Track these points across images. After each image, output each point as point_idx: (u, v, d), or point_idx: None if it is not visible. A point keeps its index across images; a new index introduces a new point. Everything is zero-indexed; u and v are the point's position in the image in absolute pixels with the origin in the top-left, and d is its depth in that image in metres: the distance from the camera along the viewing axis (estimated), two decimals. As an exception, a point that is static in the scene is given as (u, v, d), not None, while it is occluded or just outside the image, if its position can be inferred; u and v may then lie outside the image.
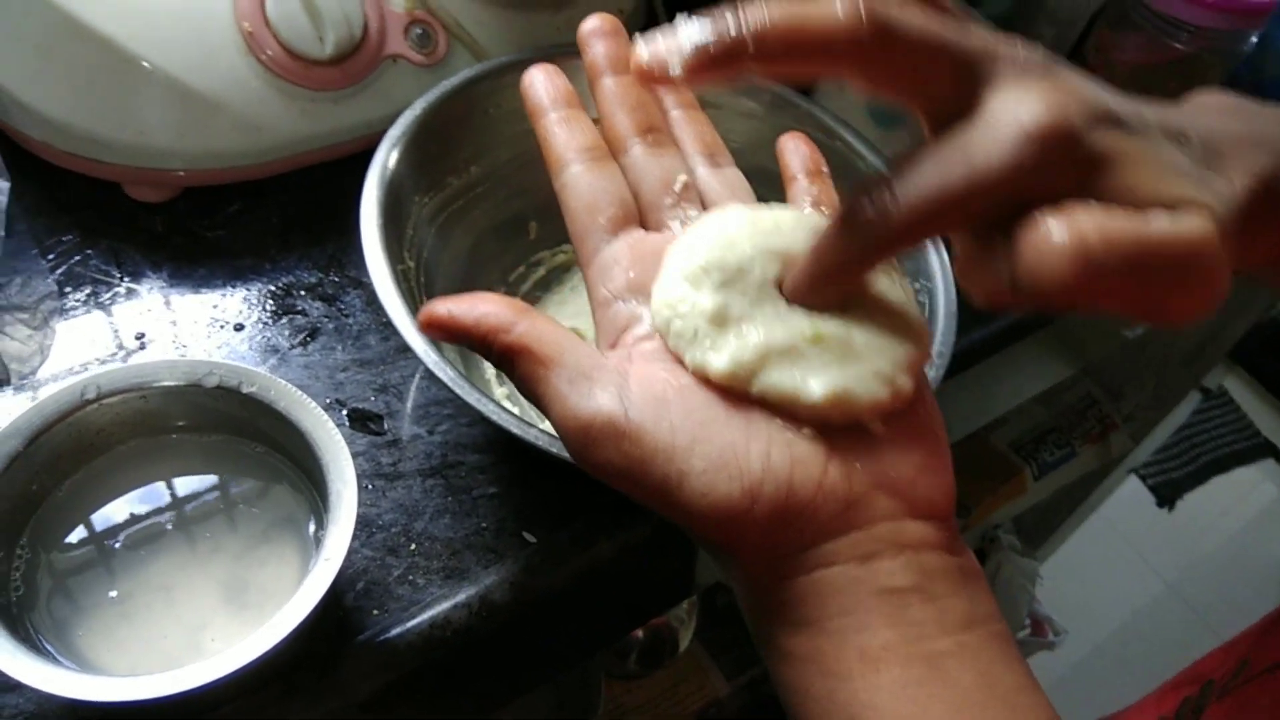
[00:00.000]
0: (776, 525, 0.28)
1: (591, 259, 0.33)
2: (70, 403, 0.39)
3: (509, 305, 0.31)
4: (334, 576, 0.36)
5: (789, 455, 0.29)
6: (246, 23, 0.51)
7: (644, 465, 0.28)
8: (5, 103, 0.50)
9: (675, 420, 0.29)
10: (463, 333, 0.31)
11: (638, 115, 0.36)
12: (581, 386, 0.29)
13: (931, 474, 0.30)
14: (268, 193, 0.55)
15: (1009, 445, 1.17)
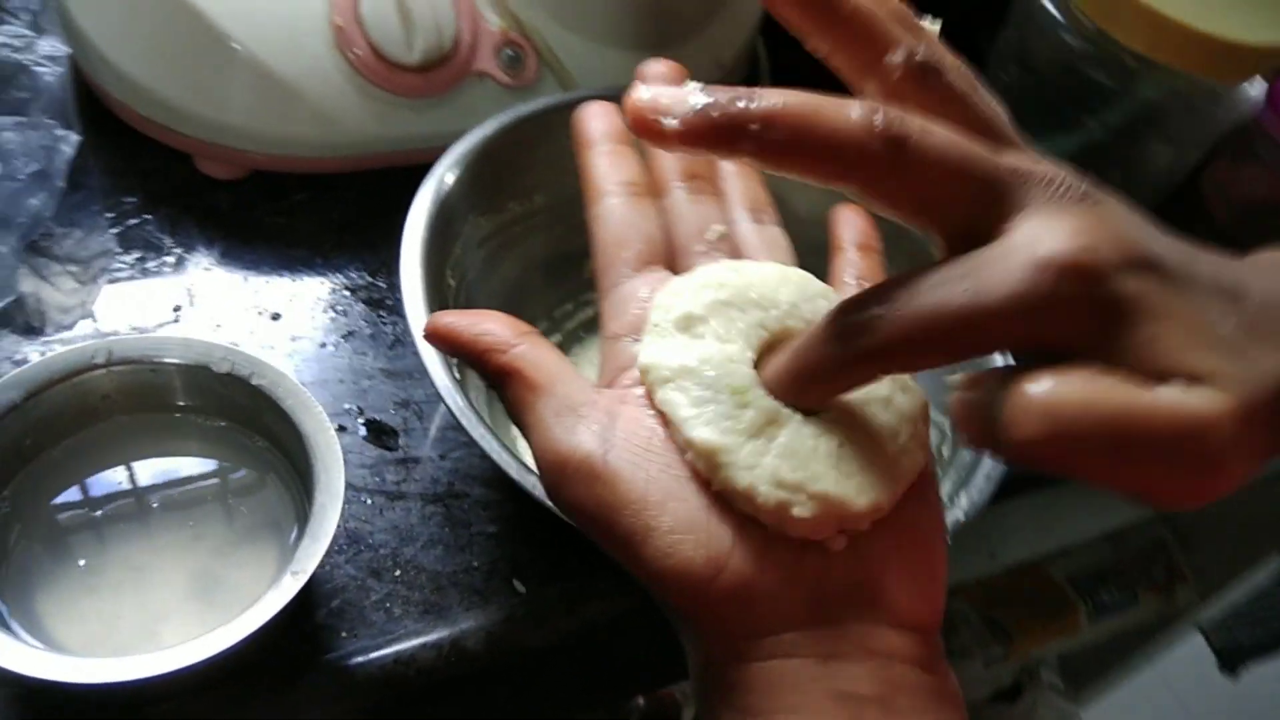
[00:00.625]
0: (739, 603, 0.26)
1: (609, 292, 0.32)
2: (78, 364, 0.38)
3: (511, 326, 0.30)
4: (298, 591, 0.35)
5: (765, 533, 0.27)
6: (339, 17, 0.50)
7: (613, 512, 0.27)
8: (93, 59, 0.50)
9: (653, 472, 0.27)
10: (461, 346, 0.30)
11: (685, 160, 0.34)
12: (567, 419, 0.28)
13: (918, 581, 0.28)
14: (335, 188, 0.55)
15: (1066, 579, 1.11)
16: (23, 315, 0.47)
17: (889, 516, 0.28)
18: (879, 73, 0.25)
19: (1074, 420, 0.21)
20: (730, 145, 0.23)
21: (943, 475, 0.45)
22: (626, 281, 0.32)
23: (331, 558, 0.42)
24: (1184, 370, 0.22)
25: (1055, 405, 0.22)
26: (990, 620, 1.06)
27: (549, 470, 0.28)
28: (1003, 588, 1.06)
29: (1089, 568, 1.11)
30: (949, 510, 0.41)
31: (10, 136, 0.45)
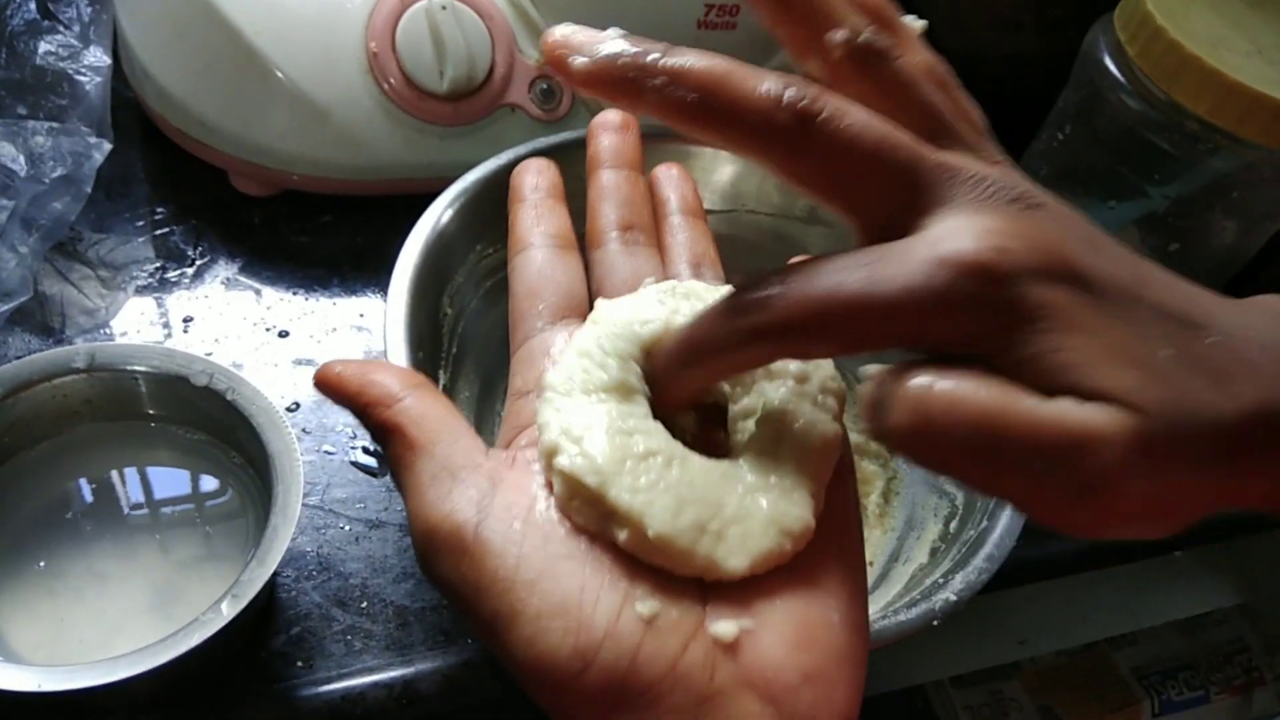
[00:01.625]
0: (608, 703, 0.23)
1: (519, 346, 0.30)
2: (59, 366, 0.38)
3: (403, 379, 0.28)
4: (236, 616, 0.34)
5: (643, 622, 0.24)
6: (374, 43, 0.51)
7: (479, 593, 0.24)
8: (137, 71, 0.52)
9: (527, 549, 0.24)
10: (346, 398, 0.28)
11: (623, 211, 0.33)
12: (443, 485, 0.25)
13: (822, 685, 0.24)
14: (361, 211, 0.55)
15: (1132, 670, 1.04)
16: (42, 315, 0.48)
17: (791, 596, 0.25)
18: (820, 51, 0.24)
19: (941, 414, 0.21)
20: (633, 96, 0.23)
21: (944, 551, 0.42)
22: (537, 335, 0.30)
23: (299, 583, 0.42)
24: (1086, 386, 0.21)
25: (926, 397, 0.21)
26: (1044, 708, 1.00)
27: (418, 539, 0.25)
28: (1060, 673, 1.00)
29: (1158, 660, 1.04)
30: (941, 590, 0.38)
31: (42, 140, 0.47)
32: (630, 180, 0.34)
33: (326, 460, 0.46)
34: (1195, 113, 0.48)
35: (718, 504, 0.25)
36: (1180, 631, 1.03)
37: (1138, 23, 0.49)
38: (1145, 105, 0.50)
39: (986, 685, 0.96)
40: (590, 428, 0.26)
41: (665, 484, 0.25)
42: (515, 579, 0.24)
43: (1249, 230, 0.53)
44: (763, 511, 0.25)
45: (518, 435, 0.28)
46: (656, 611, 0.24)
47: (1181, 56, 0.47)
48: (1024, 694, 0.99)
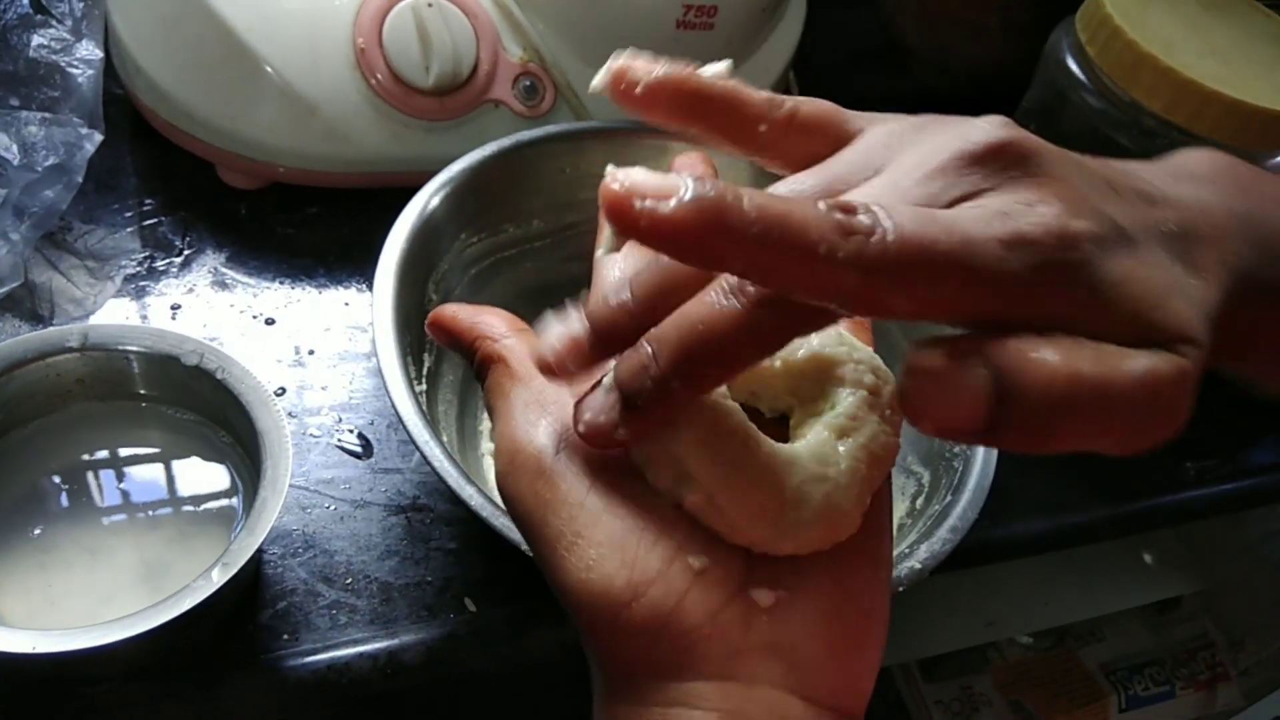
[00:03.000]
0: (649, 637, 0.25)
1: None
2: (53, 345, 0.39)
3: (508, 320, 0.31)
4: (225, 584, 0.35)
5: (692, 572, 0.25)
6: (361, 39, 0.52)
7: (548, 512, 0.26)
8: (128, 65, 0.53)
9: (598, 483, 0.26)
10: (459, 334, 0.31)
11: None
12: (532, 413, 0.28)
13: (846, 660, 0.26)
14: (347, 203, 0.56)
15: (1099, 665, 1.06)
16: (31, 302, 0.49)
17: (826, 581, 0.26)
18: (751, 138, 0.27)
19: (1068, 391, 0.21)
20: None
21: (910, 526, 0.43)
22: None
23: (285, 560, 0.43)
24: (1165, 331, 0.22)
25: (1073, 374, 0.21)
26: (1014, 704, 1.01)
27: (502, 457, 0.28)
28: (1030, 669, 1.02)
29: (1125, 656, 1.05)
30: (907, 559, 0.39)
31: (34, 130, 0.48)
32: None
33: (312, 443, 0.47)
34: (1152, 110, 0.50)
35: (779, 487, 0.26)
36: (1146, 627, 1.05)
37: (1098, 24, 0.51)
38: (1106, 104, 0.52)
39: (958, 680, 0.98)
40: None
41: (738, 461, 0.26)
42: (584, 505, 0.26)
43: None
44: (816, 502, 0.26)
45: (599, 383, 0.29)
46: (706, 565, 0.26)
47: (1138, 55, 0.49)
48: (994, 689, 1.00)
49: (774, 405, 0.30)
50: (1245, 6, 0.54)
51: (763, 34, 0.61)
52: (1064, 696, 1.03)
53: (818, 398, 0.29)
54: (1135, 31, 0.49)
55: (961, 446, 0.44)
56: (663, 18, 0.55)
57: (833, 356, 0.29)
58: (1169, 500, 0.56)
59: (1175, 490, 0.56)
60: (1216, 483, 0.57)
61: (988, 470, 0.43)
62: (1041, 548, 0.53)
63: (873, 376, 0.29)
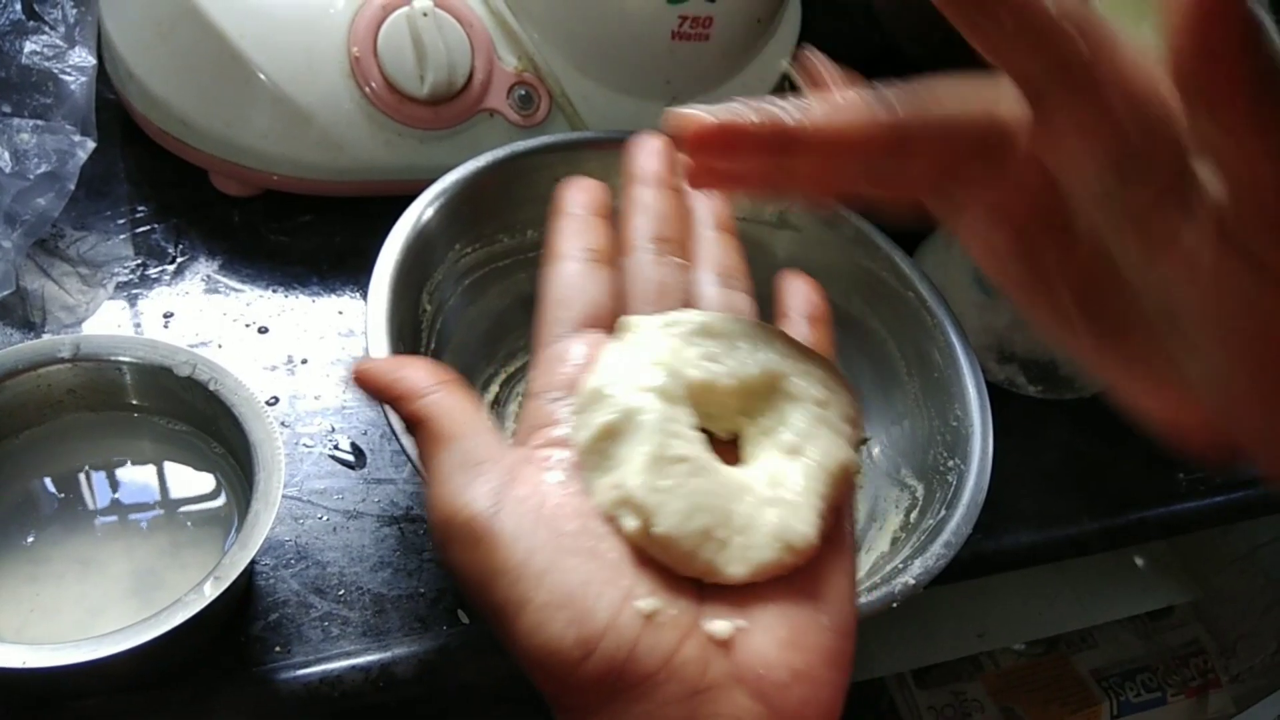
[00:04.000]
0: (606, 692, 0.24)
1: (541, 349, 0.31)
2: (43, 356, 0.39)
3: (434, 373, 0.29)
4: (218, 597, 0.35)
5: (641, 617, 0.25)
6: (356, 48, 0.52)
7: (490, 580, 0.25)
8: (121, 72, 0.53)
9: (538, 541, 0.25)
10: (380, 391, 0.29)
11: (657, 224, 0.33)
12: (463, 476, 0.27)
13: (811, 685, 0.25)
14: (340, 212, 0.56)
15: (1091, 672, 1.06)
16: (23, 309, 0.49)
17: (786, 602, 0.26)
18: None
19: None
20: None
21: (904, 540, 0.43)
22: (560, 341, 0.31)
23: (277, 571, 0.43)
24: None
25: None
26: (1006, 710, 1.01)
27: (436, 526, 0.27)
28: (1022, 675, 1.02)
29: (1117, 663, 1.06)
30: (900, 574, 0.39)
31: (27, 138, 0.47)
32: (666, 197, 0.34)
33: (305, 453, 0.47)
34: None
35: (728, 513, 0.26)
36: (1138, 634, 1.06)
37: (1091, 38, 0.51)
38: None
39: (950, 686, 0.98)
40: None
41: (685, 489, 0.26)
42: (525, 569, 0.25)
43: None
44: (769, 525, 0.26)
45: (532, 434, 0.29)
46: (656, 609, 0.25)
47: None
48: (986, 696, 1.01)
49: (727, 426, 0.29)
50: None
51: (758, 44, 0.61)
52: (1056, 703, 1.03)
53: (767, 414, 0.29)
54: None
55: (955, 459, 0.44)
56: (658, 29, 0.55)
57: (779, 371, 0.29)
58: (1161, 512, 0.56)
59: (1167, 502, 0.56)
60: (1208, 495, 0.57)
61: (981, 484, 0.43)
62: (1034, 560, 0.53)
63: (820, 389, 0.29)
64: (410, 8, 0.51)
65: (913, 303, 0.50)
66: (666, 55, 0.57)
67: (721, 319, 0.30)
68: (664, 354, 0.28)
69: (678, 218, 0.35)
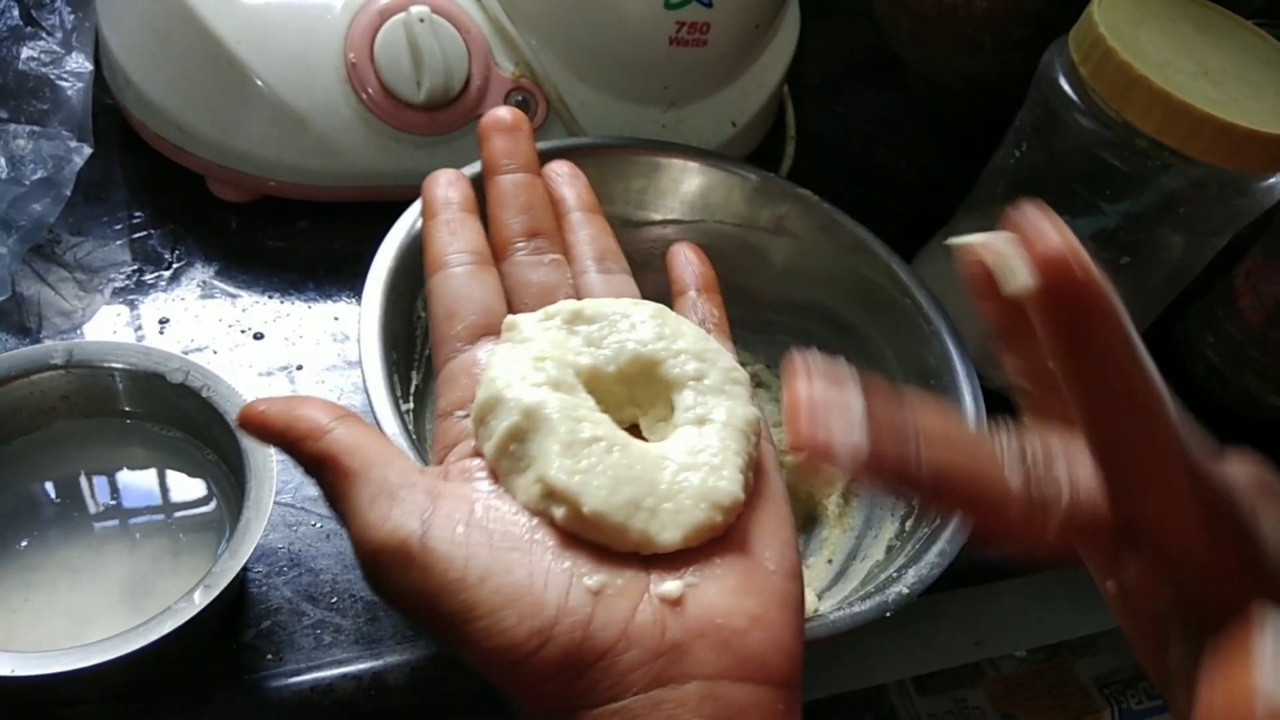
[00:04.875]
0: (568, 673, 0.24)
1: (441, 368, 0.31)
2: (36, 363, 0.39)
3: (329, 410, 0.28)
4: (208, 605, 0.35)
5: (590, 594, 0.25)
6: (353, 54, 0.52)
7: (433, 598, 0.25)
8: (118, 78, 0.53)
9: (473, 549, 0.25)
10: (274, 435, 0.28)
11: (525, 218, 0.34)
12: (381, 506, 0.26)
13: (768, 628, 0.26)
14: (337, 218, 0.56)
15: (1093, 678, 1.05)
16: (19, 315, 0.49)
17: (730, 554, 0.26)
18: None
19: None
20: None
21: (899, 548, 0.43)
22: (458, 356, 0.31)
23: (270, 578, 0.42)
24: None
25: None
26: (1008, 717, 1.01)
27: (365, 561, 0.26)
28: (1023, 682, 1.02)
29: (1119, 669, 1.05)
30: (895, 584, 0.39)
31: (23, 143, 0.47)
32: (529, 185, 0.35)
33: (300, 459, 0.47)
34: (1145, 131, 0.50)
35: (652, 483, 0.26)
36: (1141, 643, 1.05)
37: (1090, 44, 0.51)
38: (1098, 124, 0.52)
39: (950, 693, 0.98)
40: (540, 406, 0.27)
41: (604, 466, 0.26)
42: (465, 578, 0.25)
43: (1197, 245, 0.55)
44: (693, 487, 0.26)
45: (448, 453, 0.29)
46: (603, 583, 0.25)
47: (1131, 77, 0.49)
48: (987, 702, 1.00)
49: (620, 417, 0.30)
50: (1239, 28, 0.54)
51: (756, 50, 0.61)
52: (1057, 710, 1.03)
53: (656, 402, 0.30)
54: (1128, 53, 0.49)
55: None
56: (656, 34, 0.55)
57: (651, 356, 0.30)
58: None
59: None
60: (1208, 503, 0.57)
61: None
62: (1031, 568, 0.53)
63: (696, 363, 0.29)
64: (407, 13, 0.51)
65: (910, 310, 0.50)
66: (664, 61, 0.56)
67: (595, 304, 0.31)
68: (547, 348, 0.29)
69: (545, 205, 0.35)
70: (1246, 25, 0.54)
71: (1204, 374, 0.66)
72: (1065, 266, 0.19)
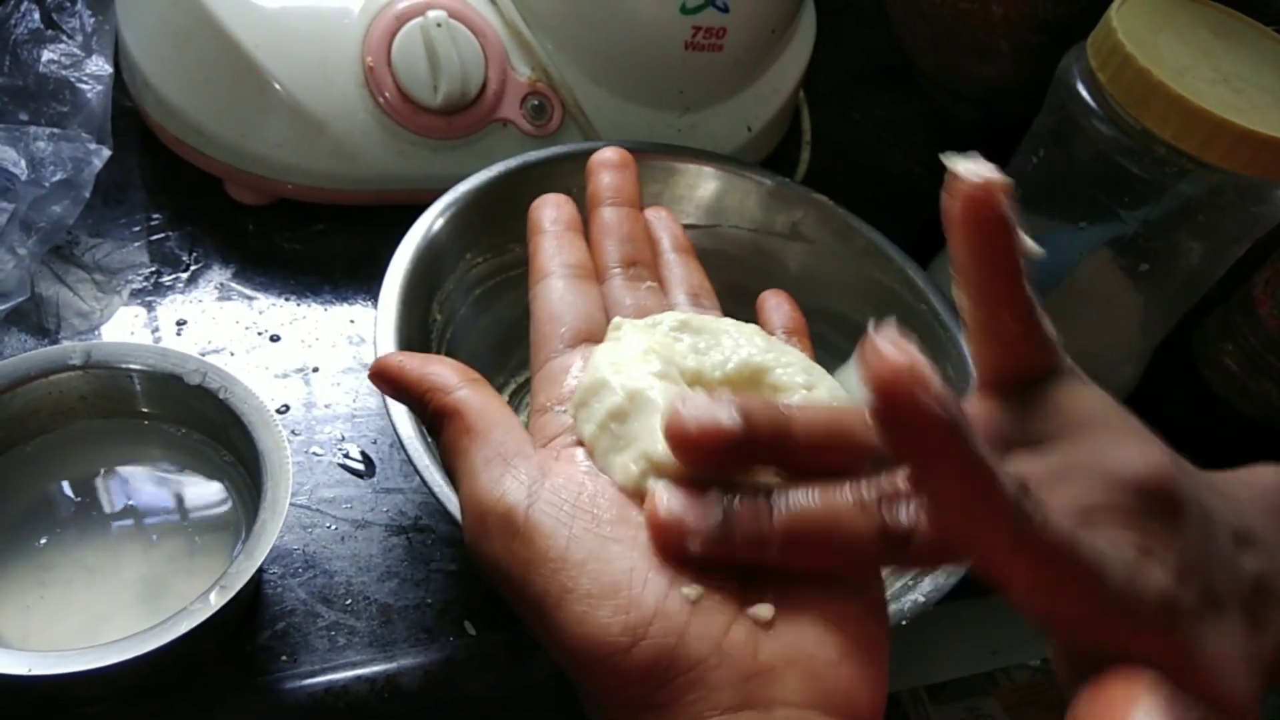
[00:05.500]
0: (655, 679, 0.24)
1: (541, 366, 0.31)
2: (55, 363, 0.39)
3: (459, 371, 0.30)
4: (224, 606, 0.35)
5: (689, 603, 0.25)
6: (370, 58, 0.52)
7: (528, 571, 0.25)
8: (137, 81, 0.53)
9: (577, 530, 0.25)
10: (407, 387, 0.30)
11: (625, 247, 0.35)
12: (495, 469, 0.27)
13: (859, 664, 0.25)
14: (354, 221, 0.56)
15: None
16: (37, 316, 0.49)
17: (823, 589, 0.26)
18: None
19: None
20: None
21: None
22: (559, 357, 0.31)
23: (285, 580, 0.43)
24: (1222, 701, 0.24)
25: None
26: (1021, 726, 1.01)
27: (470, 519, 0.27)
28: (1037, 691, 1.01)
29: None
30: (910, 592, 0.39)
31: (44, 145, 0.48)
32: (630, 217, 0.36)
33: (315, 461, 0.47)
34: (1163, 138, 0.50)
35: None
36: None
37: (1109, 51, 0.51)
38: (1116, 130, 0.52)
39: (964, 702, 0.97)
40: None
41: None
42: (566, 558, 0.25)
43: (1215, 252, 0.54)
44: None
45: (548, 444, 0.29)
46: (701, 594, 0.25)
47: (1150, 83, 0.49)
48: (1001, 711, 1.00)
49: None
50: (1257, 34, 0.54)
51: (772, 54, 0.61)
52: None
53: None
54: (1146, 59, 0.49)
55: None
56: (672, 39, 0.55)
57: (762, 364, 0.30)
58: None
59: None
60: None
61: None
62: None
63: (805, 375, 0.30)
64: (424, 18, 0.52)
65: (926, 316, 0.49)
66: (680, 65, 0.57)
67: (702, 318, 0.31)
68: (654, 345, 0.29)
69: (644, 239, 0.36)
70: (1266, 31, 0.54)
71: (1222, 382, 0.66)
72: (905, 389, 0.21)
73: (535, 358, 0.32)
